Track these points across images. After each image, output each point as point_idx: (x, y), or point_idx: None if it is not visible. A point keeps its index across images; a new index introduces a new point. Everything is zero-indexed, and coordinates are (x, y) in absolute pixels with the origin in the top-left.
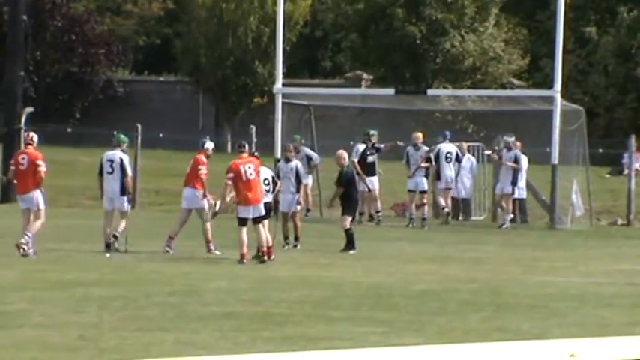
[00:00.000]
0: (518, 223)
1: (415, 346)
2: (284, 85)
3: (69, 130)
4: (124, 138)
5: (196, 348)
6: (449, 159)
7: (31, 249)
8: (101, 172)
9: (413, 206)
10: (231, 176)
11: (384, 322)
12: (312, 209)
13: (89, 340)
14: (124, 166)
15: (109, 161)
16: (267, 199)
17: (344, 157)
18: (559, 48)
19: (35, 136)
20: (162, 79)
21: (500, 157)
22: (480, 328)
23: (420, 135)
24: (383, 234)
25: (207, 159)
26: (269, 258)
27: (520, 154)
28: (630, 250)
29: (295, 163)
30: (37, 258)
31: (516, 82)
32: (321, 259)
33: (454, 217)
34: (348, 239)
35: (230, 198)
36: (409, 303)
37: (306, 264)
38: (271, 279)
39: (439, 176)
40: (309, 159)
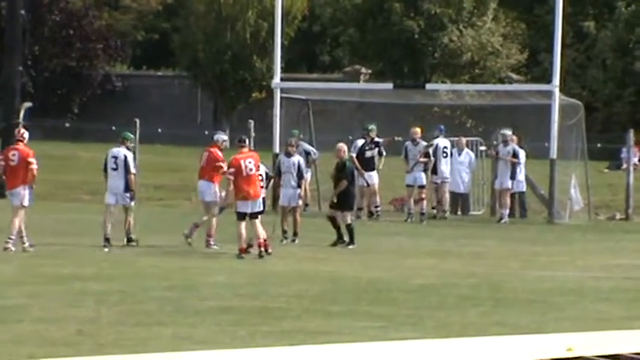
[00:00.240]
0: (517, 217)
1: (414, 341)
2: (282, 80)
3: (67, 125)
4: (129, 135)
5: (194, 342)
6: (445, 154)
7: (27, 242)
8: (106, 167)
9: (411, 201)
10: (233, 171)
11: (382, 317)
12: (310, 204)
13: (87, 335)
14: (127, 164)
15: (113, 157)
16: (262, 194)
17: (344, 150)
18: (557, 42)
19: (26, 133)
20: (160, 73)
21: (497, 153)
22: (479, 322)
23: (418, 130)
24: (381, 229)
25: (221, 152)
26: (266, 252)
27: (517, 147)
28: (629, 245)
29: (297, 158)
30: (34, 250)
31: (515, 76)
32: (320, 253)
33: (452, 211)
34: (349, 234)
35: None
36: (408, 298)
37: (305, 259)
38: (269, 273)
39: (436, 171)
40: (307, 154)
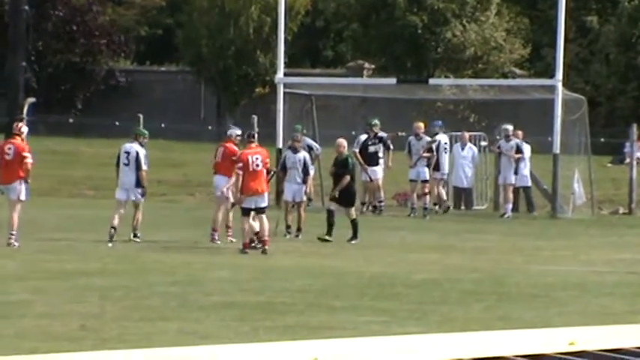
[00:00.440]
0: (523, 212)
1: (417, 335)
2: (286, 75)
3: (71, 121)
4: (143, 131)
5: (198, 337)
6: (446, 149)
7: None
8: (118, 162)
9: (414, 196)
10: (241, 165)
11: (385, 312)
12: (313, 199)
13: (91, 330)
14: (139, 160)
15: (125, 153)
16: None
17: (343, 146)
18: (561, 37)
19: (25, 128)
20: (163, 69)
21: (499, 148)
22: (482, 317)
23: (422, 125)
24: (385, 223)
25: (237, 147)
26: (263, 247)
27: (522, 142)
28: (632, 239)
29: (303, 154)
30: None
31: (518, 71)
32: (323, 248)
33: (456, 206)
34: (353, 229)
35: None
36: (411, 292)
37: (308, 253)
38: (273, 268)
39: (439, 167)
40: (310, 149)
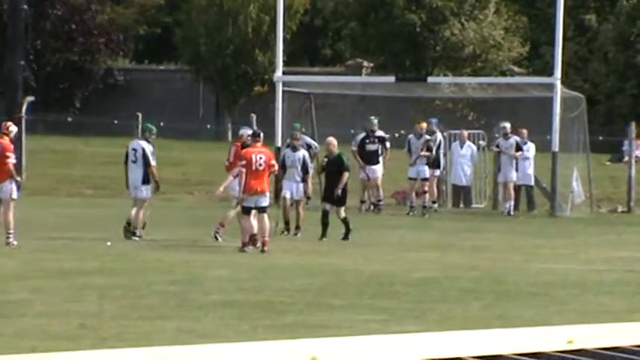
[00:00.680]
0: (523, 210)
1: (415, 334)
2: (284, 74)
3: (69, 119)
4: (149, 126)
5: (197, 336)
6: (443, 148)
7: None
8: (126, 160)
9: (413, 194)
10: (244, 163)
11: (384, 310)
12: (312, 197)
13: (90, 329)
14: (146, 156)
15: (133, 150)
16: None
17: (333, 144)
18: (559, 35)
19: (13, 127)
20: (162, 67)
21: (498, 147)
22: (481, 315)
23: (425, 125)
24: (384, 222)
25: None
26: (262, 250)
27: (526, 141)
28: (631, 238)
29: (303, 152)
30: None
31: (516, 69)
32: (322, 247)
33: (455, 205)
34: (345, 227)
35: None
36: (410, 291)
37: (307, 252)
38: (272, 267)
39: (439, 165)
40: (309, 147)
